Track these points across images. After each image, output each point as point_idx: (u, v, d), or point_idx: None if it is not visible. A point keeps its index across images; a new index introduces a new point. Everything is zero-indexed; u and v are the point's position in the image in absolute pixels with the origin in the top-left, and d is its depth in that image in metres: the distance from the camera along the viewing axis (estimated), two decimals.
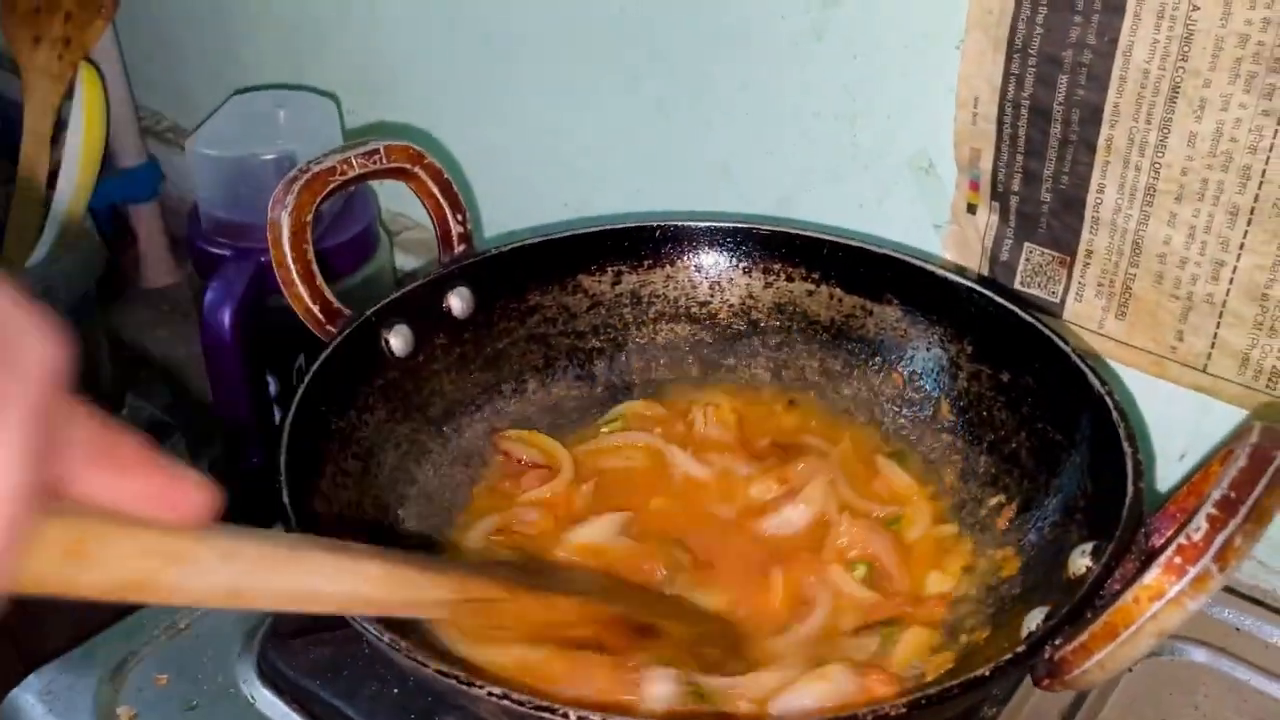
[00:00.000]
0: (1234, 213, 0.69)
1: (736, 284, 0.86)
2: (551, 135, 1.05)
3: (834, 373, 0.84)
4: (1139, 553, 0.56)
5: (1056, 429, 0.70)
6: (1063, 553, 0.61)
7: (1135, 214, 0.73)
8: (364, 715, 0.65)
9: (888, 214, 0.87)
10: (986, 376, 0.76)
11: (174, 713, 0.68)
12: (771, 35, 0.86)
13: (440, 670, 0.52)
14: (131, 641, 0.72)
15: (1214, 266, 0.71)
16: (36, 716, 0.68)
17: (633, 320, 0.87)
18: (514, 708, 0.50)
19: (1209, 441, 0.77)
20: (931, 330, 0.80)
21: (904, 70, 0.81)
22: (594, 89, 0.99)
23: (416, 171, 0.79)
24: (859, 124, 0.85)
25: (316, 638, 0.69)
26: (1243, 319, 0.71)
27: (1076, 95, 0.72)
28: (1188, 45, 0.67)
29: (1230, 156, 0.68)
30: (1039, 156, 0.76)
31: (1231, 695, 0.68)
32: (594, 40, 0.97)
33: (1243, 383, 0.73)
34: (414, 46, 1.10)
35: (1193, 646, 0.71)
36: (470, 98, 1.08)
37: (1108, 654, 0.50)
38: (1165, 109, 0.69)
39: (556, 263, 0.85)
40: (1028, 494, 0.70)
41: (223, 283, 0.93)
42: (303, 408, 0.68)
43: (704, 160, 0.95)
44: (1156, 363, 0.77)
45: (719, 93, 0.92)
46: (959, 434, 0.78)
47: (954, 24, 0.77)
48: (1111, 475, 0.61)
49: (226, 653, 0.71)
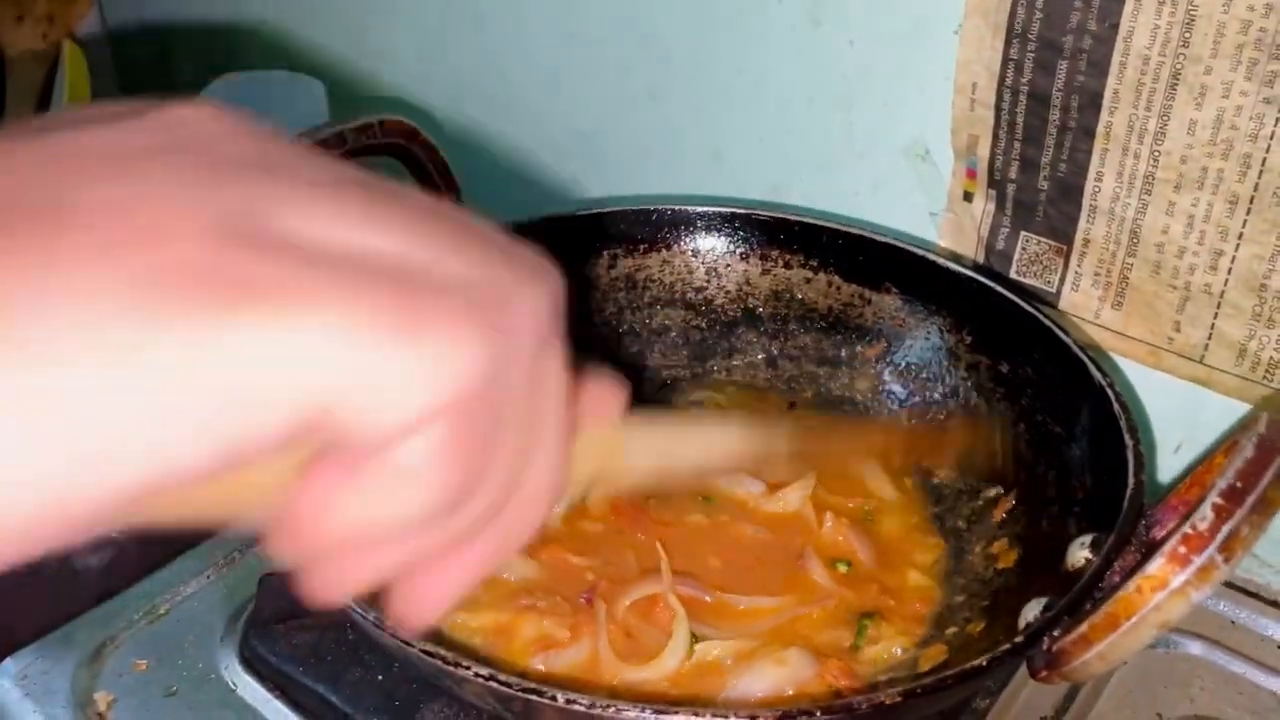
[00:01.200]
0: (1233, 202, 0.68)
1: (734, 270, 0.85)
2: (541, 120, 1.04)
3: (830, 361, 0.83)
4: (1139, 545, 0.55)
5: (1056, 420, 0.69)
6: (1061, 545, 0.60)
7: (1134, 202, 0.72)
8: (348, 701, 0.64)
9: (882, 201, 0.86)
10: (985, 367, 0.76)
11: (153, 698, 0.67)
12: (767, 21, 0.85)
13: (426, 650, 0.51)
14: (110, 626, 0.71)
15: (1212, 256, 0.70)
16: (12, 701, 0.67)
17: (627, 305, 0.86)
18: (500, 689, 0.50)
19: (1205, 433, 0.76)
20: (930, 320, 0.79)
21: (900, 57, 0.80)
22: (585, 73, 0.98)
23: (412, 148, 0.78)
24: (855, 110, 0.84)
25: (299, 623, 0.68)
26: (1241, 310, 0.71)
27: (1076, 81, 0.71)
28: (1189, 31, 0.66)
29: (1230, 144, 0.67)
30: (1037, 143, 0.75)
31: (1227, 688, 0.68)
32: (586, 24, 0.96)
33: (1240, 374, 0.72)
34: (403, 30, 1.09)
35: (1188, 639, 0.70)
36: (461, 82, 1.07)
37: (1108, 645, 0.49)
38: (1165, 96, 0.68)
39: (551, 244, 0.82)
40: (1026, 486, 0.70)
41: None
42: None
43: (696, 145, 0.95)
44: (1153, 353, 0.76)
45: (713, 78, 0.91)
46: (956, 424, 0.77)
47: (951, 10, 0.76)
48: (1112, 467, 0.60)
49: (207, 638, 0.70)
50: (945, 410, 0.78)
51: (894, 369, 0.81)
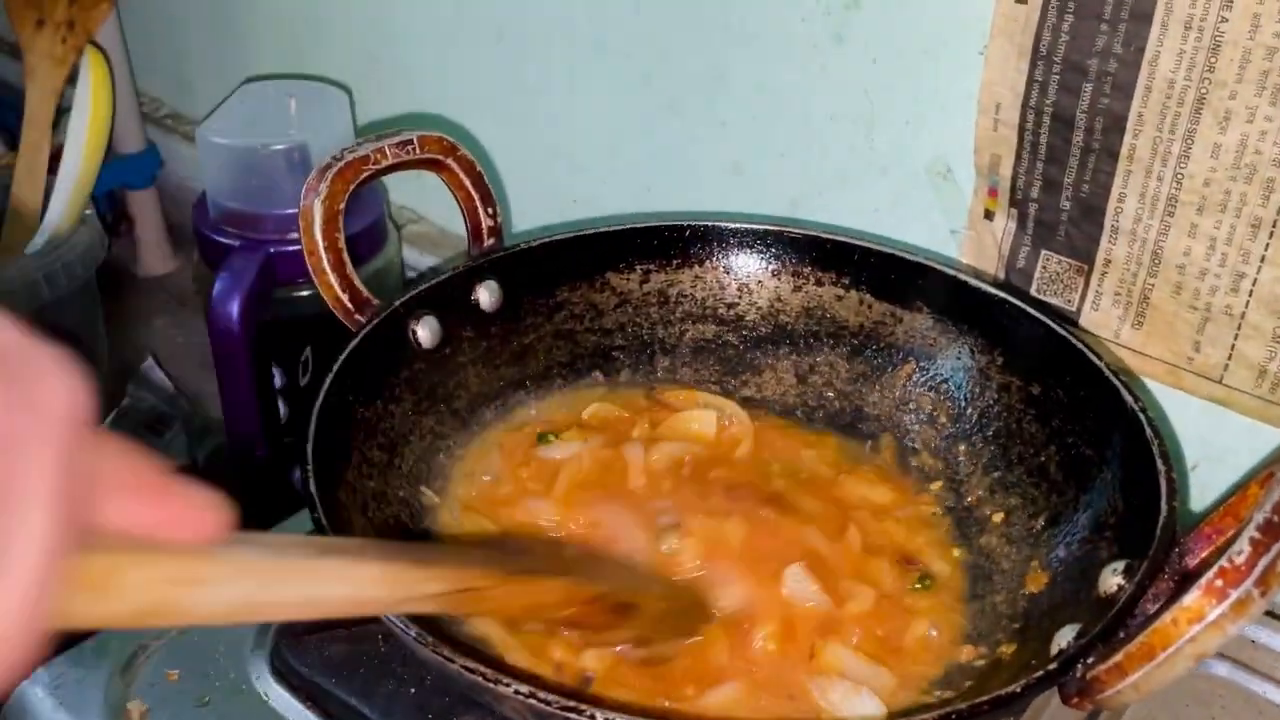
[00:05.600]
0: (1256, 225, 0.69)
1: (765, 287, 0.85)
2: (561, 132, 1.04)
3: (861, 379, 0.84)
4: (1173, 572, 0.55)
5: (1087, 444, 0.69)
6: (1092, 570, 0.60)
7: (1156, 224, 0.73)
8: (380, 714, 0.64)
9: (902, 218, 0.87)
10: (1016, 388, 0.76)
11: (186, 708, 0.67)
12: (790, 37, 0.86)
13: (466, 666, 0.51)
14: (142, 635, 0.71)
15: (1234, 278, 0.71)
16: (46, 710, 0.67)
17: (659, 320, 0.86)
18: (540, 706, 0.50)
19: (1223, 453, 0.77)
20: (962, 340, 0.79)
21: (924, 75, 0.81)
22: (605, 86, 0.99)
23: (449, 163, 0.79)
24: (877, 128, 0.85)
25: (331, 634, 0.69)
26: (1261, 331, 0.71)
27: (1100, 103, 0.72)
28: (1214, 56, 0.67)
29: (1254, 169, 0.68)
30: (1060, 164, 0.76)
31: (1248, 709, 0.68)
32: (606, 37, 0.96)
33: (1259, 395, 0.73)
34: (423, 41, 1.09)
35: (1211, 660, 0.71)
36: (480, 93, 1.08)
37: (1143, 675, 0.49)
38: (1190, 119, 0.69)
39: (586, 259, 0.84)
40: (1056, 509, 0.70)
41: (231, 273, 0.92)
42: (331, 396, 0.68)
43: (716, 159, 0.95)
44: (1172, 373, 0.77)
45: (734, 93, 0.91)
46: (986, 446, 0.77)
47: (975, 30, 0.77)
48: (1143, 492, 0.60)
49: (239, 649, 0.71)
50: (972, 429, 0.79)
51: (924, 388, 0.81)
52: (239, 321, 0.91)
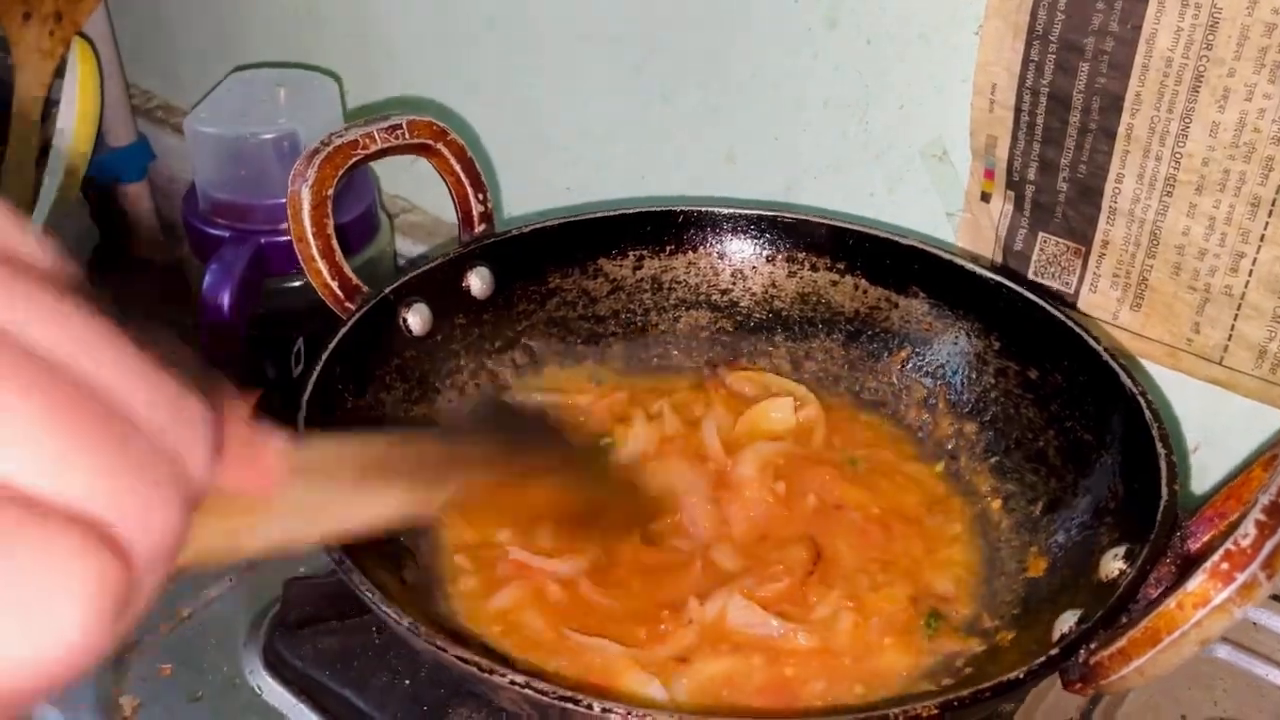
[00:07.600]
0: (1255, 204, 0.68)
1: (760, 272, 0.85)
2: (553, 119, 1.03)
3: (857, 364, 0.83)
4: (1175, 556, 0.55)
5: (1086, 428, 0.69)
6: (1092, 555, 0.60)
7: (1154, 204, 0.72)
8: (375, 707, 0.64)
9: (897, 202, 0.86)
10: (1014, 373, 0.75)
11: (178, 703, 0.67)
12: (783, 21, 0.85)
13: (460, 656, 0.51)
14: (133, 630, 0.71)
15: (1233, 258, 0.71)
16: (36, 705, 0.67)
17: (653, 306, 0.86)
18: (536, 697, 0.50)
19: (1223, 435, 0.77)
20: (958, 324, 0.79)
21: (918, 58, 0.80)
22: (597, 72, 0.98)
23: (439, 148, 0.78)
24: (871, 111, 0.84)
25: (324, 627, 0.68)
26: (1261, 311, 0.71)
27: (1097, 83, 0.71)
28: (1212, 34, 0.66)
29: (1253, 147, 0.67)
30: (1057, 145, 0.75)
31: (1251, 691, 0.68)
32: (598, 23, 0.96)
33: (1259, 375, 0.73)
34: (414, 29, 1.08)
35: None
36: (472, 81, 1.07)
37: (1148, 660, 0.48)
38: (1188, 98, 0.68)
39: (578, 245, 0.84)
40: (1055, 494, 0.69)
41: (222, 265, 0.91)
42: (320, 384, 0.67)
43: (709, 146, 0.94)
44: (1171, 354, 0.76)
45: (727, 78, 0.90)
46: (984, 431, 0.76)
47: (969, 11, 0.76)
48: (1144, 476, 0.60)
49: (231, 643, 0.70)
50: (969, 413, 0.78)
51: (921, 374, 0.80)
52: (230, 313, 0.90)
